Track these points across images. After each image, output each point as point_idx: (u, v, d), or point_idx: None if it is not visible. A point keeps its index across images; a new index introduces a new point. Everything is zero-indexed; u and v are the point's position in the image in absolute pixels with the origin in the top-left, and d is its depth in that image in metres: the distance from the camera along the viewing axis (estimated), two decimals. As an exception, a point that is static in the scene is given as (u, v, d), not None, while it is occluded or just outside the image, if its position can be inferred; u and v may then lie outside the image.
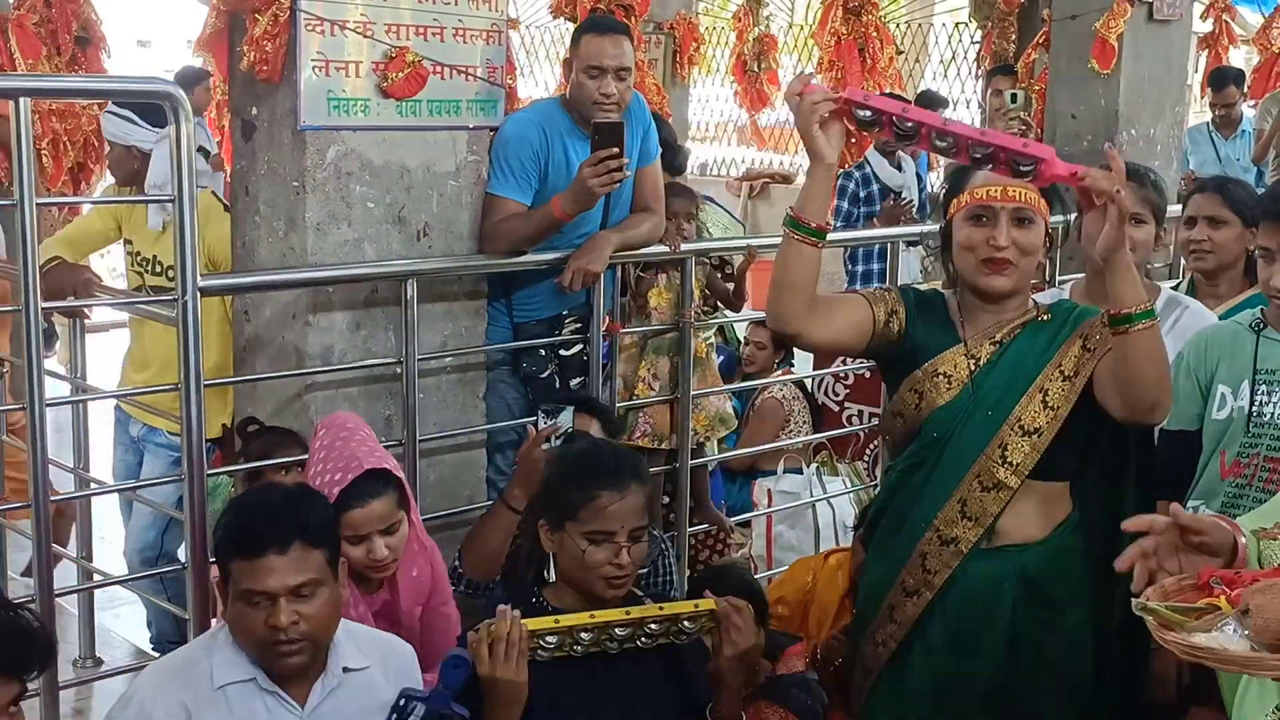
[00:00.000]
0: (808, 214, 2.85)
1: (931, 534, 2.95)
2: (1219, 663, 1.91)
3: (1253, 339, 3.12)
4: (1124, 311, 2.68)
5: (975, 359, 2.96)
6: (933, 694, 2.96)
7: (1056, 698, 2.94)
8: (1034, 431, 2.88)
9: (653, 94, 7.29)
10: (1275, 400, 3.06)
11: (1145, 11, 6.22)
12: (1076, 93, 6.37)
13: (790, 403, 6.06)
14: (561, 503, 2.84)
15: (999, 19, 9.32)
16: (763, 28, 11.64)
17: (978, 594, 2.93)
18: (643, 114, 4.44)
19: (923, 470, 3.01)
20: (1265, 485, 3.04)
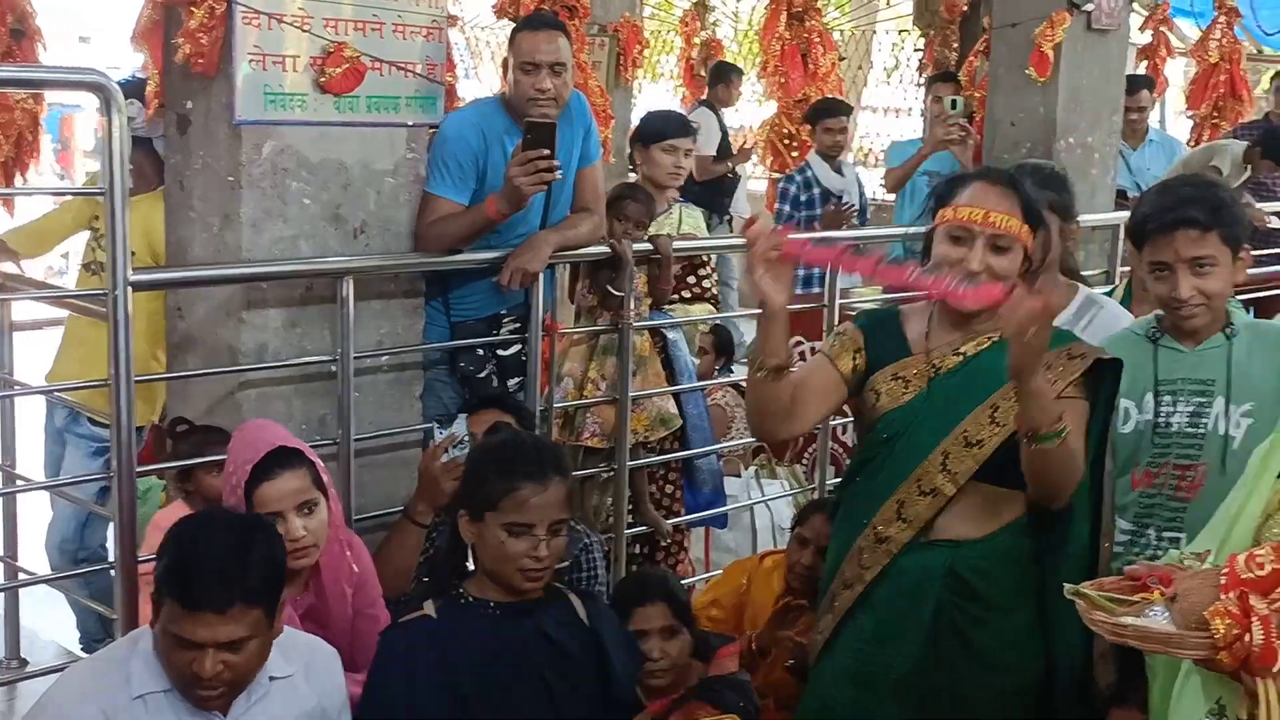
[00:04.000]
0: (770, 360, 2.87)
1: (869, 531, 3.00)
2: (1141, 640, 1.94)
3: (1151, 349, 3.15)
4: (1036, 431, 2.72)
5: (936, 367, 2.99)
6: (856, 678, 3.00)
7: (991, 695, 2.95)
8: (977, 444, 2.91)
9: (595, 96, 7.28)
10: (1179, 409, 3.10)
11: (1084, 21, 6.27)
12: (1016, 100, 6.41)
13: (733, 408, 6.07)
14: (482, 493, 2.83)
15: (941, 27, 9.37)
16: (709, 32, 11.65)
17: (906, 585, 2.96)
18: (584, 114, 4.43)
19: (870, 468, 3.05)
20: (1175, 493, 3.08)
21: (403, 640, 2.82)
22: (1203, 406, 3.08)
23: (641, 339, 4.72)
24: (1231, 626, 1.83)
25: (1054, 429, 2.72)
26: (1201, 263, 3.05)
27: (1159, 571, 2.06)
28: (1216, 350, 3.10)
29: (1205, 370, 3.10)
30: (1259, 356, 3.08)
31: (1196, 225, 3.04)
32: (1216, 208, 3.06)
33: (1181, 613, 1.90)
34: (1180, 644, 1.90)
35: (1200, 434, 3.07)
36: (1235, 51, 9.71)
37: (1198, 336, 3.12)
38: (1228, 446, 3.03)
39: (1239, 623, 1.83)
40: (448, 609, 2.86)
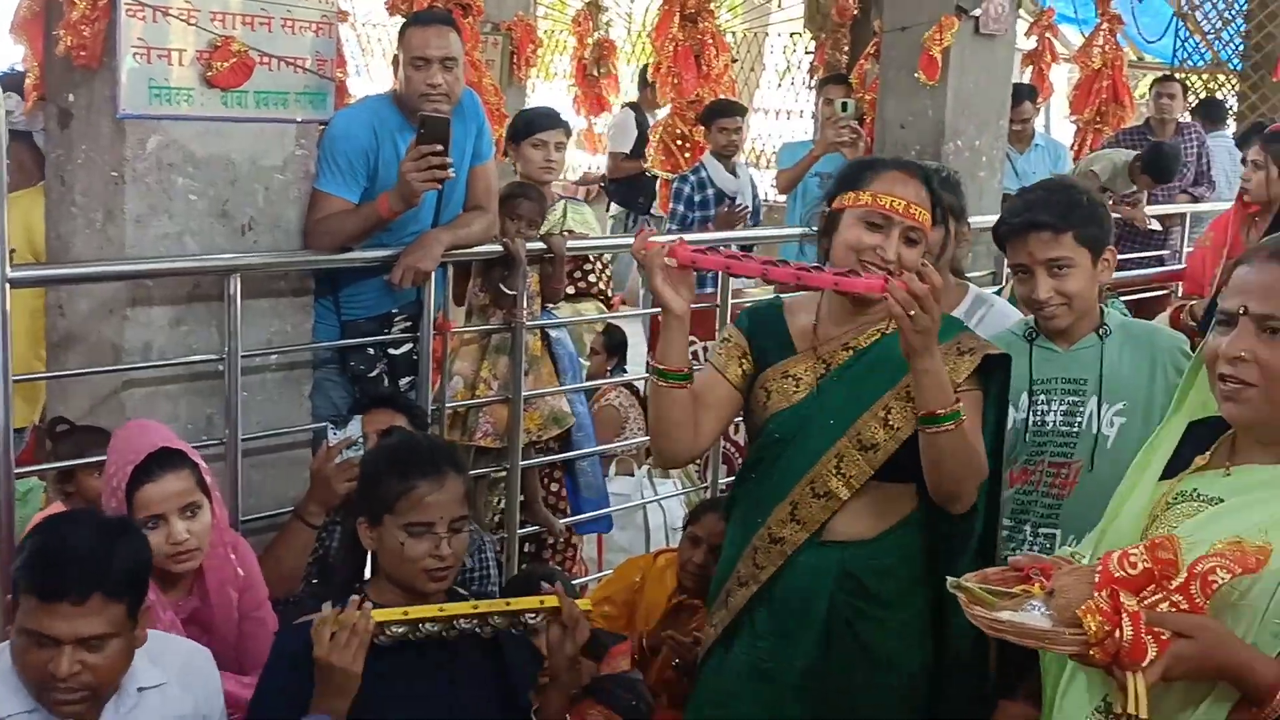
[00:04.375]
0: (670, 363, 2.84)
1: (764, 531, 2.98)
2: (1018, 636, 1.96)
3: (1027, 350, 3.20)
4: (930, 413, 2.71)
5: (826, 364, 2.97)
6: (752, 677, 2.99)
7: (885, 693, 2.96)
8: (871, 447, 2.89)
9: (490, 94, 7.24)
10: (1053, 408, 3.15)
11: (972, 26, 6.35)
12: (906, 103, 6.48)
13: (626, 409, 6.08)
14: (379, 496, 2.79)
15: (832, 30, 9.45)
16: (602, 32, 11.63)
17: (800, 585, 2.96)
18: (476, 112, 4.42)
19: (762, 468, 3.04)
20: (1050, 490, 3.13)
21: (296, 643, 2.77)
22: (1076, 405, 3.13)
23: (534, 338, 4.71)
24: (1103, 624, 1.86)
25: (950, 410, 2.70)
26: (1058, 264, 3.09)
27: (1042, 564, 2.09)
28: (1089, 350, 3.16)
29: (1078, 370, 3.15)
30: (1130, 356, 3.14)
31: (1048, 228, 3.09)
32: (1069, 210, 3.11)
33: (1057, 609, 1.93)
34: (1054, 640, 1.93)
35: (1074, 432, 3.12)
36: (1117, 58, 9.91)
37: (1071, 337, 3.17)
38: (1100, 445, 3.08)
39: (1109, 620, 1.86)
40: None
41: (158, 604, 2.88)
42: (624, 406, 6.11)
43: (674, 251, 2.76)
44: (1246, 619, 1.97)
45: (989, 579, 2.10)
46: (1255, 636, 1.96)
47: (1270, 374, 2.04)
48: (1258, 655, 1.93)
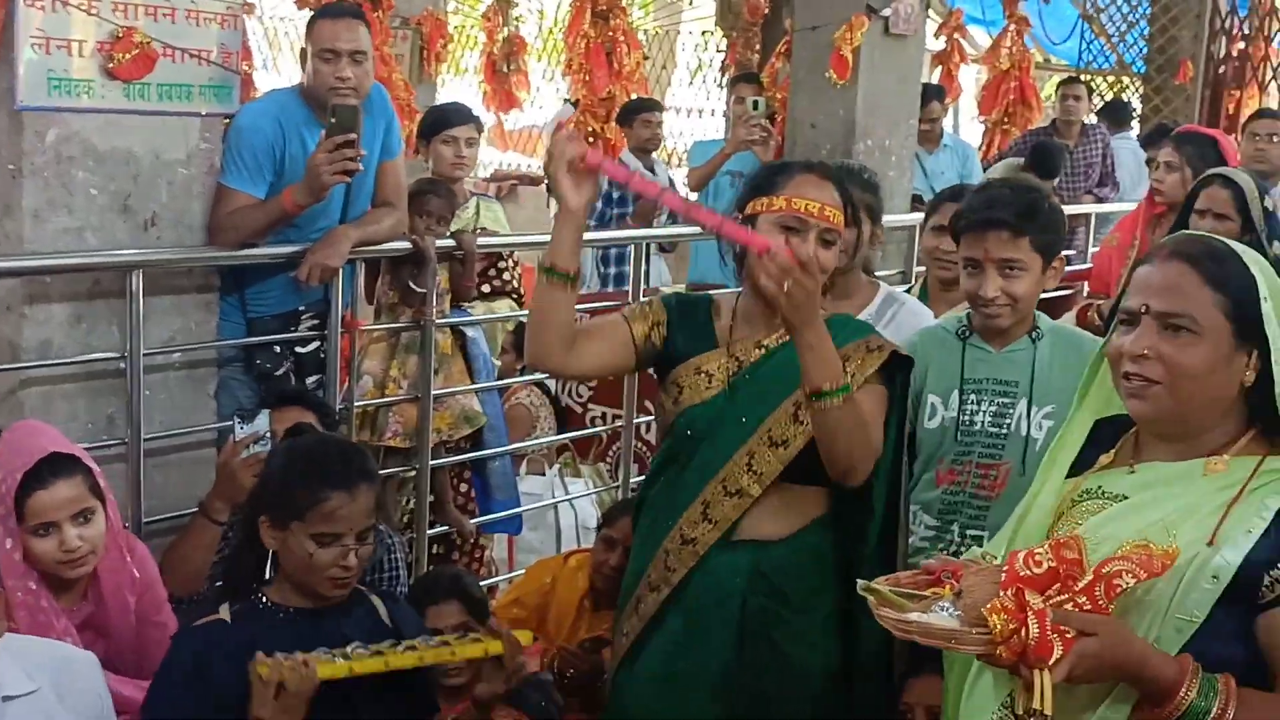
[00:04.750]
0: (557, 260, 2.82)
1: (675, 532, 2.98)
2: (925, 637, 1.96)
3: (960, 347, 3.21)
4: (818, 389, 2.70)
5: (739, 361, 2.97)
6: (667, 681, 2.98)
7: (797, 695, 2.97)
8: (782, 443, 2.90)
9: (399, 90, 7.19)
10: (983, 409, 3.17)
11: (882, 26, 6.38)
12: (816, 102, 6.50)
13: (537, 408, 6.05)
14: (287, 502, 2.74)
15: (744, 28, 9.49)
16: (512, 28, 11.58)
17: (713, 587, 2.96)
18: (385, 107, 4.37)
19: (674, 467, 3.03)
20: (978, 491, 3.15)
21: (194, 645, 2.72)
22: (1006, 407, 3.15)
23: (444, 337, 4.67)
24: (1008, 622, 1.87)
25: (837, 385, 2.69)
26: (1010, 265, 3.11)
27: (952, 566, 2.10)
28: (1021, 353, 3.18)
29: (1010, 372, 3.17)
30: (1061, 360, 3.15)
31: (1008, 228, 3.10)
32: (1030, 214, 3.13)
33: (964, 609, 1.94)
34: (961, 640, 1.93)
35: (1003, 434, 3.14)
36: (1025, 59, 10.03)
37: (1004, 338, 3.19)
38: (1029, 448, 3.10)
39: (1015, 618, 1.87)
40: (244, 613, 2.77)
41: (50, 610, 2.81)
42: (535, 406, 6.07)
43: (588, 155, 2.73)
44: (1150, 614, 1.99)
45: (901, 582, 2.11)
46: (1159, 631, 1.99)
47: (1174, 370, 2.07)
48: (1158, 654, 1.95)
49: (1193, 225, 4.38)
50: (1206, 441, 2.11)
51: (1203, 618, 1.98)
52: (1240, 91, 11.03)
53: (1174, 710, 1.93)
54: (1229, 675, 1.95)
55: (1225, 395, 2.10)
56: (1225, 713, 1.93)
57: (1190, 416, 2.10)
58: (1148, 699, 1.96)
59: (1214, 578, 1.98)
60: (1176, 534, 1.99)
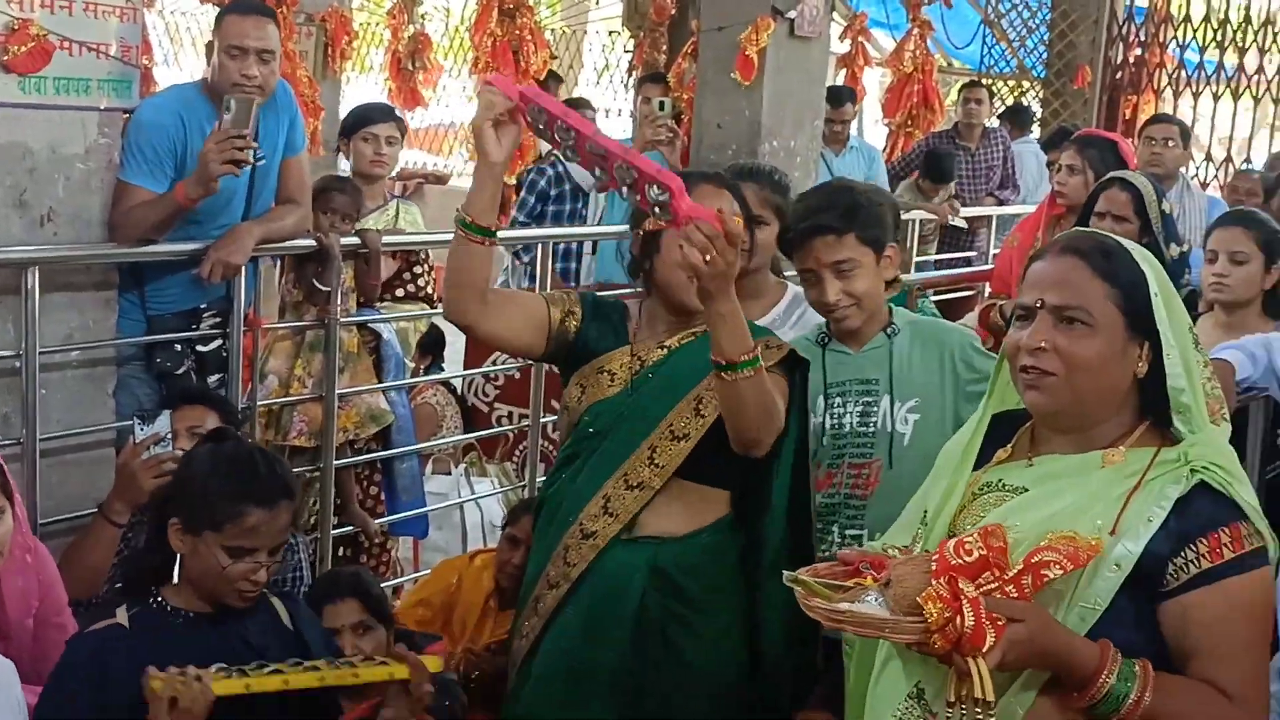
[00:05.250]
0: (474, 213, 2.82)
1: (575, 528, 2.98)
2: (858, 626, 1.97)
3: (820, 354, 3.23)
4: (730, 360, 2.70)
5: (641, 361, 2.99)
6: (563, 679, 2.98)
7: (696, 695, 2.97)
8: (683, 436, 2.93)
9: (304, 86, 7.11)
10: (849, 409, 3.18)
11: (787, 28, 6.42)
12: (722, 103, 6.52)
13: (443, 407, 6.02)
14: (205, 511, 2.68)
15: (650, 29, 9.50)
16: (418, 25, 11.51)
17: (610, 583, 2.96)
18: (289, 103, 4.33)
19: (576, 464, 3.04)
20: (853, 490, 3.16)
21: (90, 649, 2.66)
22: (870, 406, 3.17)
23: (350, 335, 4.62)
24: (944, 610, 1.89)
25: (747, 357, 2.69)
26: (841, 266, 3.12)
27: (871, 557, 2.11)
28: (879, 350, 3.20)
29: (870, 370, 3.18)
30: (919, 353, 3.18)
31: (830, 230, 3.12)
32: (849, 211, 3.14)
33: (895, 598, 1.95)
34: (895, 628, 1.95)
35: (871, 432, 3.16)
36: (928, 63, 10.15)
37: (861, 338, 3.21)
38: (897, 443, 3.13)
39: (950, 606, 1.89)
40: (142, 616, 2.71)
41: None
42: (441, 405, 6.04)
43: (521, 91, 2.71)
44: (1056, 602, 2.03)
45: (820, 574, 2.12)
46: (1063, 618, 2.02)
47: (1070, 362, 2.11)
48: (1079, 640, 1.99)
49: (1093, 227, 4.44)
50: (1102, 434, 2.16)
51: (1105, 606, 2.02)
52: (1137, 96, 11.25)
53: (1094, 695, 1.97)
54: (1147, 661, 1.99)
55: (1119, 387, 2.14)
56: (1143, 697, 1.96)
57: (1086, 408, 2.14)
58: (1069, 684, 1.99)
59: (1116, 566, 2.02)
60: (1078, 524, 2.03)
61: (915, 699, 2.10)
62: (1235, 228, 4.10)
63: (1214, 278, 4.06)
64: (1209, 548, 2.02)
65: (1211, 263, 4.08)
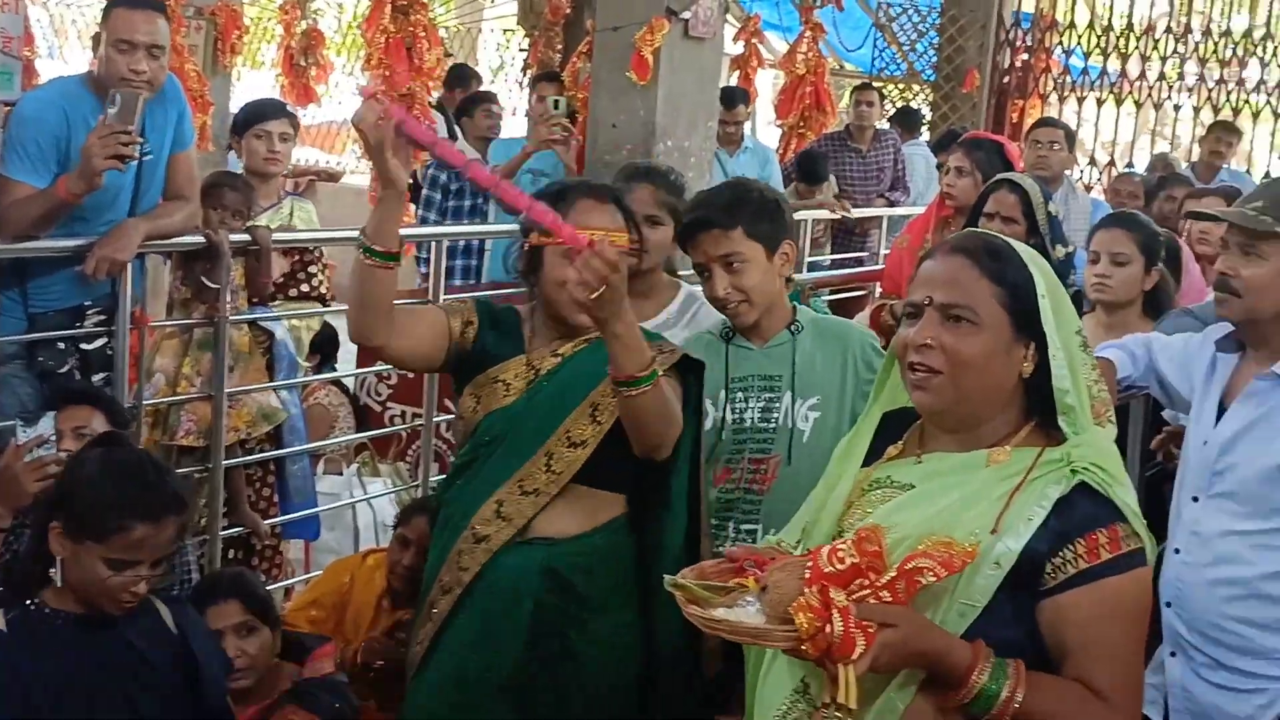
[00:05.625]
0: (380, 240, 2.78)
1: (468, 532, 2.97)
2: (733, 634, 1.99)
3: (724, 348, 3.25)
4: (630, 377, 2.71)
5: (536, 370, 2.99)
6: (458, 684, 2.97)
7: (593, 696, 2.97)
8: (580, 444, 2.93)
9: (192, 80, 7.02)
10: (751, 405, 3.21)
11: (681, 28, 6.44)
12: (617, 102, 6.52)
13: (336, 407, 5.96)
14: (88, 520, 2.63)
15: (545, 28, 9.49)
16: (310, 21, 11.39)
17: (503, 586, 2.95)
18: (178, 98, 4.26)
19: (471, 471, 3.03)
20: (751, 486, 3.19)
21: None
22: (772, 402, 3.19)
23: (241, 334, 4.56)
24: (814, 620, 1.90)
25: (645, 373, 2.71)
26: (729, 260, 3.15)
27: (756, 555, 2.12)
28: (782, 347, 3.22)
29: (772, 367, 3.21)
30: (821, 351, 3.22)
31: (715, 225, 3.15)
32: (735, 206, 3.17)
33: (770, 604, 1.97)
34: (768, 637, 1.97)
35: (771, 428, 3.19)
36: (820, 65, 10.25)
37: (764, 334, 3.23)
38: (796, 439, 3.16)
39: (820, 615, 1.91)
40: (20, 621, 2.66)
41: None
42: (334, 405, 5.98)
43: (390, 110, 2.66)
44: (936, 601, 2.05)
45: (706, 573, 2.13)
46: (944, 616, 2.04)
47: (955, 360, 2.13)
48: (953, 640, 2.01)
49: (981, 228, 4.51)
50: (988, 432, 2.18)
51: (984, 603, 2.04)
52: (1023, 101, 11.45)
53: (967, 693, 1.99)
54: (1020, 661, 2.02)
55: (1004, 385, 2.17)
56: (1014, 695, 1.99)
57: (971, 406, 2.17)
58: (942, 683, 2.01)
59: (996, 564, 2.04)
60: (961, 522, 2.06)
61: (800, 694, 2.12)
62: (1116, 229, 4.19)
63: (1096, 278, 4.15)
64: (1087, 548, 2.04)
65: (1094, 264, 4.17)
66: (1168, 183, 7.37)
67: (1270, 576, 2.95)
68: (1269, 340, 3.03)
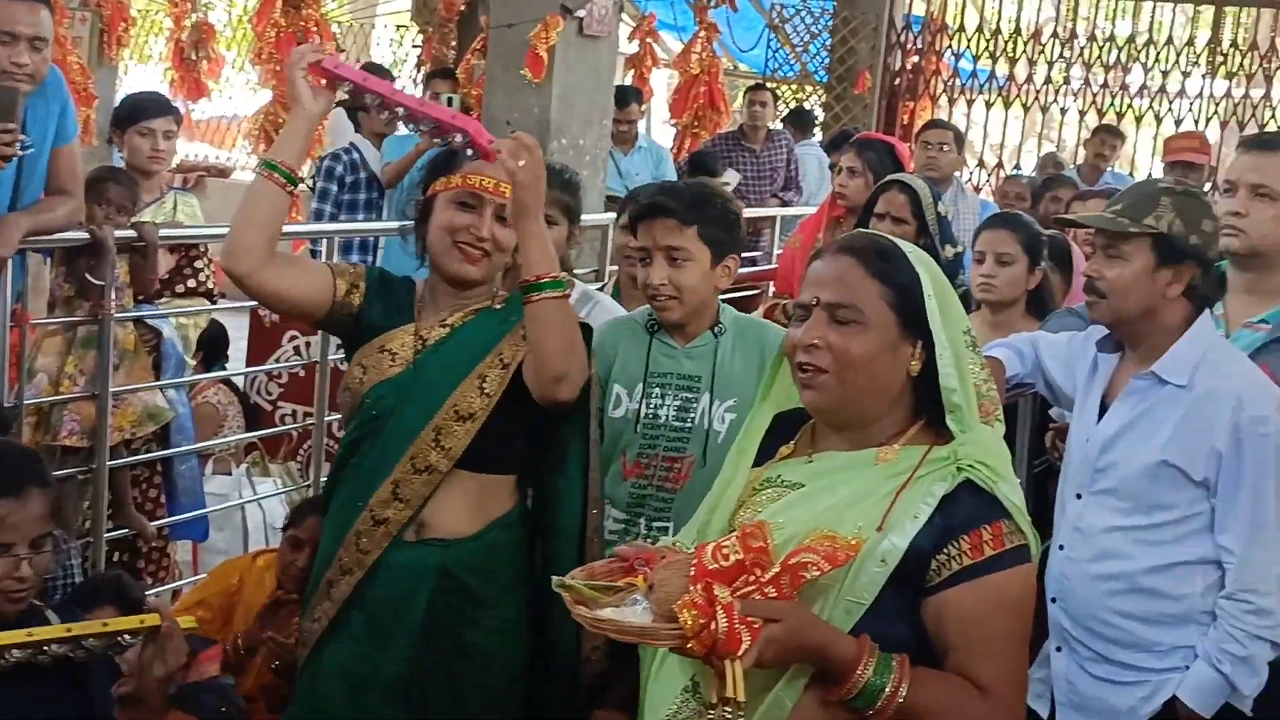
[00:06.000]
0: (281, 156, 2.83)
1: (366, 514, 2.95)
2: (619, 633, 1.99)
3: (648, 340, 3.27)
4: (535, 278, 2.76)
5: (424, 340, 2.97)
6: (348, 677, 2.95)
7: (486, 693, 2.97)
8: (469, 417, 2.91)
9: (76, 73, 6.89)
10: (668, 403, 3.22)
11: (576, 26, 6.44)
12: (512, 99, 6.50)
13: (225, 406, 5.88)
14: None
15: (439, 24, 9.44)
16: (200, 14, 11.22)
17: (397, 586, 2.94)
18: (60, 90, 4.16)
19: (363, 448, 3.01)
20: (663, 484, 3.20)
21: None
22: (690, 402, 3.21)
23: (126, 332, 4.48)
24: (698, 617, 1.91)
25: (554, 278, 2.76)
26: (675, 253, 3.17)
27: (645, 553, 2.13)
28: (704, 348, 3.24)
29: (693, 367, 3.23)
30: (741, 354, 3.24)
31: (674, 216, 3.17)
32: (698, 205, 3.20)
33: (656, 603, 1.97)
34: (653, 635, 1.97)
35: (687, 428, 3.20)
36: (714, 65, 10.31)
37: (687, 334, 3.25)
38: (712, 440, 3.17)
39: (704, 613, 1.91)
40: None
41: None
42: (223, 404, 5.90)
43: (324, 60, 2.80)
44: (823, 597, 2.07)
45: (595, 573, 2.13)
46: (830, 613, 2.06)
47: (842, 359, 2.15)
48: (838, 635, 2.03)
49: (872, 228, 4.56)
50: (877, 431, 2.20)
51: (870, 600, 2.06)
52: (914, 102, 11.60)
53: (851, 688, 2.00)
54: (904, 655, 2.04)
55: (892, 384, 2.19)
56: (898, 690, 2.01)
57: (859, 404, 2.19)
58: (828, 678, 2.03)
59: (882, 561, 2.06)
60: (848, 519, 2.08)
61: (690, 693, 2.13)
62: (1001, 230, 4.25)
63: (981, 278, 4.21)
64: (971, 545, 2.07)
65: (980, 263, 4.23)
66: (1053, 184, 7.51)
67: (1151, 570, 3.02)
68: (1142, 340, 3.09)
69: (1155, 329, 3.05)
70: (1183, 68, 10.87)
